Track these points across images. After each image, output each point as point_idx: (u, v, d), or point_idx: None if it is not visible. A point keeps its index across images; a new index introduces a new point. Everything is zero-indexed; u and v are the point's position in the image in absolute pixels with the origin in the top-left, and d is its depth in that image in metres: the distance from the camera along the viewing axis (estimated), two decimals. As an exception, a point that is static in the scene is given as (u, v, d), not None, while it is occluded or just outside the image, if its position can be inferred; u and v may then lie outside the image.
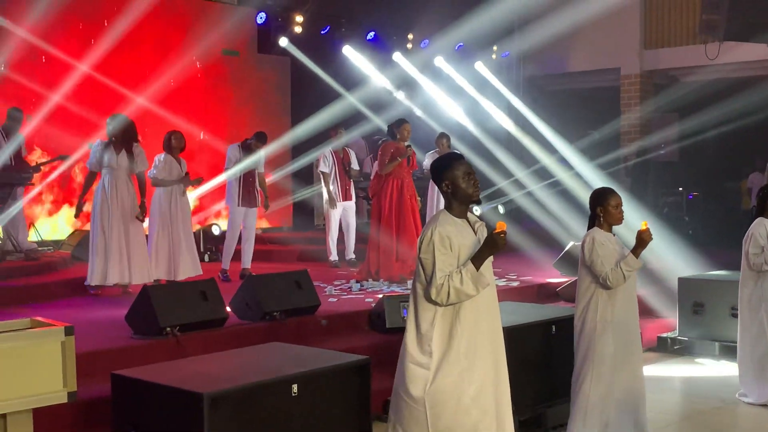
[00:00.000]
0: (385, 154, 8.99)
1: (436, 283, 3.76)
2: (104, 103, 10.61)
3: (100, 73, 10.87)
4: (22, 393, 3.69)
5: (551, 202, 12.77)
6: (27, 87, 10.28)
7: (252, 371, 4.63)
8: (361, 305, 7.66)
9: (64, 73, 10.59)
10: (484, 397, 3.88)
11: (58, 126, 10.45)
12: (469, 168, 3.95)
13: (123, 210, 8.02)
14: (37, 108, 10.33)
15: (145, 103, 11.11)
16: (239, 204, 9.29)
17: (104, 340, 6.10)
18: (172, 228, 8.41)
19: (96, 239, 7.97)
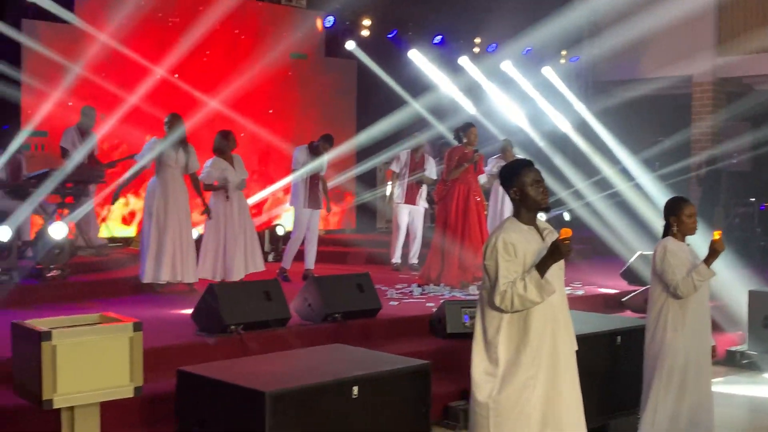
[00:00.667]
0: (451, 160, 8.91)
1: (500, 289, 3.74)
2: (176, 104, 10.81)
3: (173, 75, 11.09)
4: (90, 387, 3.77)
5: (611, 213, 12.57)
6: (102, 87, 10.54)
7: (313, 372, 4.66)
8: (422, 310, 7.65)
9: (139, 74, 10.83)
10: (551, 407, 3.83)
11: (131, 126, 10.69)
12: (538, 175, 3.92)
13: (178, 208, 8.15)
14: (112, 108, 10.59)
15: (216, 106, 11.29)
16: (305, 206, 9.35)
17: (170, 337, 6.22)
18: (226, 229, 8.43)
19: (150, 236, 8.10)
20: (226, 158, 8.54)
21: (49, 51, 10.05)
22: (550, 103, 14.64)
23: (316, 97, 13.12)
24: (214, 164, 8.46)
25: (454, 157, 8.91)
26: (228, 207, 8.42)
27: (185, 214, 8.25)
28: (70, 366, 3.69)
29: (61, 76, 10.21)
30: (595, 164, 14.18)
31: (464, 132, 8.97)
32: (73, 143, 9.70)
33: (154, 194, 8.17)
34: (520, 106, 14.19)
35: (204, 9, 11.00)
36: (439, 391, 5.93)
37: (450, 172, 8.86)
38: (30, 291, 7.69)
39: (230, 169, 8.49)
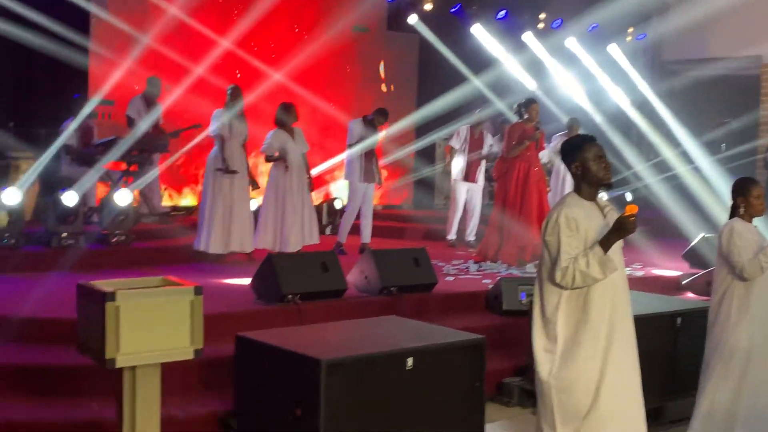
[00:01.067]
0: (511, 137, 8.81)
1: (561, 265, 3.71)
2: (239, 76, 10.93)
3: (237, 47, 11.18)
4: (151, 347, 3.86)
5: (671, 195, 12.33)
6: (168, 58, 10.69)
7: (369, 342, 4.70)
8: (478, 286, 7.64)
9: (204, 46, 10.96)
10: (612, 384, 3.80)
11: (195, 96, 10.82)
12: (600, 150, 3.86)
13: (237, 178, 8.27)
14: (177, 78, 10.73)
15: (279, 78, 11.36)
16: (361, 180, 9.37)
17: (229, 304, 6.32)
18: (285, 201, 8.49)
19: (209, 205, 8.23)
20: (287, 130, 8.60)
21: (117, 20, 10.22)
22: (614, 82, 14.38)
23: (376, 71, 13.11)
24: (275, 136, 8.53)
25: (514, 134, 8.80)
26: (287, 179, 8.49)
27: (244, 184, 8.36)
28: (132, 326, 3.77)
29: (128, 45, 10.38)
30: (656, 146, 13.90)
31: (526, 108, 8.84)
32: (138, 112, 9.87)
33: (214, 165, 8.28)
34: (581, 84, 13.96)
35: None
36: (493, 367, 5.94)
37: (510, 150, 8.76)
38: (95, 255, 7.88)
39: (290, 142, 8.54)
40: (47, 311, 5.73)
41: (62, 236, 7.79)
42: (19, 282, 6.93)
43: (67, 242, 7.80)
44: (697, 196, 11.90)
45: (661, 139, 13.88)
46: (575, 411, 3.77)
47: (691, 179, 12.67)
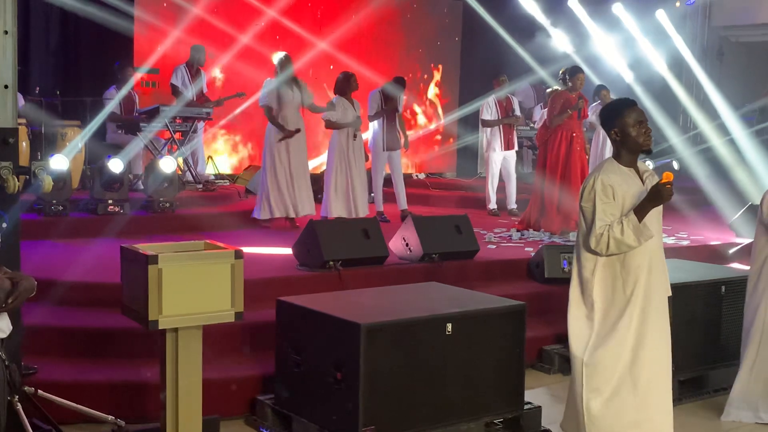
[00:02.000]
0: (554, 105, 8.72)
1: (596, 232, 3.68)
2: (283, 44, 10.93)
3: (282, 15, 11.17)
4: (193, 310, 3.91)
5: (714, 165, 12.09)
6: (213, 26, 10.73)
7: (409, 307, 4.72)
8: (520, 254, 7.60)
9: (248, 14, 10.97)
10: (656, 352, 3.78)
11: (240, 64, 10.86)
12: (641, 115, 3.79)
13: (295, 144, 8.30)
14: (222, 46, 10.78)
15: (324, 47, 11.35)
16: (383, 149, 9.38)
17: (270, 269, 6.38)
18: (349, 168, 8.61)
19: (266, 173, 8.30)
20: (347, 99, 8.68)
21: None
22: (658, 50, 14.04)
23: (420, 39, 13.01)
24: (338, 103, 8.66)
25: (557, 102, 8.70)
26: (354, 146, 8.60)
27: (302, 150, 8.43)
28: (174, 289, 3.82)
29: (172, 13, 10.44)
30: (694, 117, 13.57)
31: (571, 76, 8.72)
32: (182, 81, 9.95)
33: (272, 132, 8.34)
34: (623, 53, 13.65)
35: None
36: (534, 334, 5.93)
37: (553, 119, 8.67)
38: (140, 222, 8.00)
39: (351, 110, 8.64)
40: (93, 276, 5.84)
41: (108, 203, 7.92)
42: (66, 248, 7.07)
43: (112, 209, 7.92)
44: (731, 168, 11.64)
45: (699, 110, 13.56)
46: (602, 381, 3.76)
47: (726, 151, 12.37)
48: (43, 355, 4.90)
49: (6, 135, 3.96)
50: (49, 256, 6.66)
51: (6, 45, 3.99)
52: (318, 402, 4.48)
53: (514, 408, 4.82)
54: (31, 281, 2.88)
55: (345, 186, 8.63)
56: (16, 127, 4.06)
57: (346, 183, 8.63)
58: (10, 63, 4.00)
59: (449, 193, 11.82)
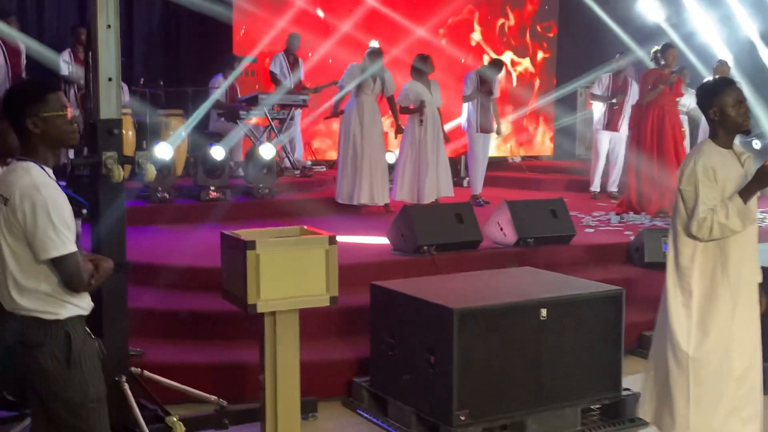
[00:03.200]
0: (646, 82, 8.54)
1: (698, 216, 3.58)
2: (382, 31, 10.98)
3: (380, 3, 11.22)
4: (290, 294, 4.01)
5: None
6: (310, 13, 10.87)
7: (502, 292, 4.71)
8: (619, 238, 7.46)
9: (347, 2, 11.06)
10: (747, 339, 3.69)
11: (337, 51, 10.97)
12: (740, 95, 3.67)
13: (372, 131, 8.39)
14: (320, 34, 10.90)
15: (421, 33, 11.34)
16: (478, 130, 9.31)
17: (365, 254, 6.46)
18: (419, 152, 8.58)
19: (346, 158, 8.41)
20: (423, 82, 8.62)
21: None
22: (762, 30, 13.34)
23: (515, 19, 12.85)
24: (411, 87, 8.59)
25: (649, 79, 8.55)
26: (422, 131, 8.54)
27: (379, 137, 8.49)
28: (272, 274, 3.93)
29: (270, 1, 10.62)
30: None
31: (662, 53, 8.54)
32: (281, 68, 10.13)
33: (350, 118, 8.44)
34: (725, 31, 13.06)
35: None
36: (635, 319, 5.80)
37: (645, 96, 8.49)
38: (240, 208, 8.21)
39: (426, 93, 8.58)
40: (196, 260, 6.03)
41: (210, 189, 8.15)
42: (171, 233, 7.32)
43: (215, 195, 8.15)
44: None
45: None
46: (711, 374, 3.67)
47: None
48: (149, 337, 5.10)
49: (111, 126, 4.12)
50: (154, 241, 6.92)
51: (109, 39, 4.15)
52: (412, 385, 4.53)
53: (611, 394, 4.76)
54: (110, 263, 3.06)
55: (412, 171, 8.58)
56: (120, 119, 4.22)
57: (413, 168, 8.58)
58: (113, 56, 4.16)
59: (547, 175, 11.67)
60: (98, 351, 3.11)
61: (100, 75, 4.17)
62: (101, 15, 4.14)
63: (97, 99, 4.19)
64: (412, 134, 8.62)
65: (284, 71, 10.12)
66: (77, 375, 2.92)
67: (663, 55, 8.52)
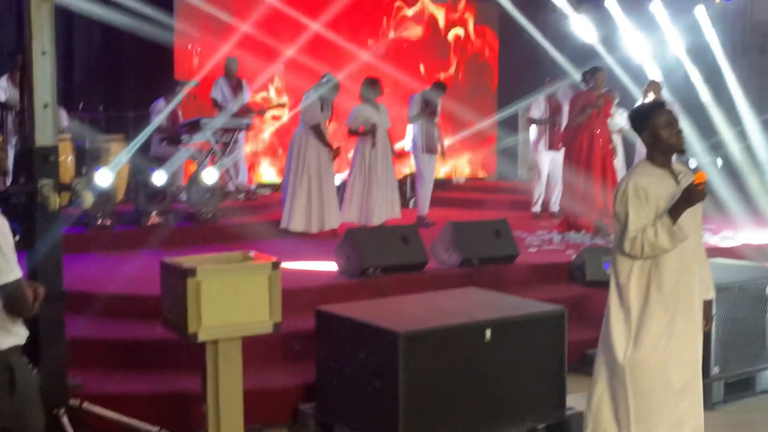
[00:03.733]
0: (575, 105, 8.73)
1: (630, 236, 3.68)
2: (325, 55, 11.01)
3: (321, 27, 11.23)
4: (232, 321, 3.96)
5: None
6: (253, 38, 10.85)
7: (448, 314, 4.71)
8: (561, 257, 7.54)
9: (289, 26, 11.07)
10: (686, 353, 3.75)
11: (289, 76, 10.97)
12: (671, 117, 3.78)
13: (319, 156, 8.36)
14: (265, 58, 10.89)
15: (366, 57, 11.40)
16: (423, 151, 9.38)
17: (311, 279, 6.42)
18: (370, 174, 8.59)
19: (293, 183, 8.38)
20: (371, 105, 8.67)
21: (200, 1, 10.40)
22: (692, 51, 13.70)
23: (456, 42, 12.99)
24: (360, 110, 8.62)
25: (578, 102, 8.72)
26: (373, 153, 8.58)
27: (328, 162, 8.47)
28: (213, 301, 3.88)
29: (212, 25, 10.57)
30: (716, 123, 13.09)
31: (591, 75, 8.72)
32: (222, 93, 10.05)
33: (297, 143, 8.40)
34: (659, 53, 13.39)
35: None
36: (577, 338, 5.85)
37: (573, 118, 8.68)
38: (183, 233, 8.09)
39: (375, 115, 8.62)
40: (135, 288, 5.93)
41: (151, 215, 8.03)
42: (110, 260, 7.18)
43: (156, 221, 8.03)
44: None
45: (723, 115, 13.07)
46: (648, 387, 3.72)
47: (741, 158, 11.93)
48: (88, 367, 4.97)
49: (47, 153, 4.05)
50: (93, 268, 6.77)
51: (45, 65, 4.08)
52: (359, 410, 4.50)
53: (556, 413, 4.78)
54: (43, 288, 3.02)
55: (361, 193, 8.60)
56: (56, 146, 4.14)
57: (362, 190, 8.59)
58: (48, 83, 4.09)
59: (490, 196, 11.77)
60: (37, 382, 3.04)
61: (36, 101, 4.10)
62: (36, 41, 4.08)
63: (32, 126, 4.11)
64: (363, 157, 8.63)
65: (226, 95, 10.05)
66: (18, 407, 2.85)
67: (592, 77, 8.69)
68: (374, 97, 8.72)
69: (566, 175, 8.87)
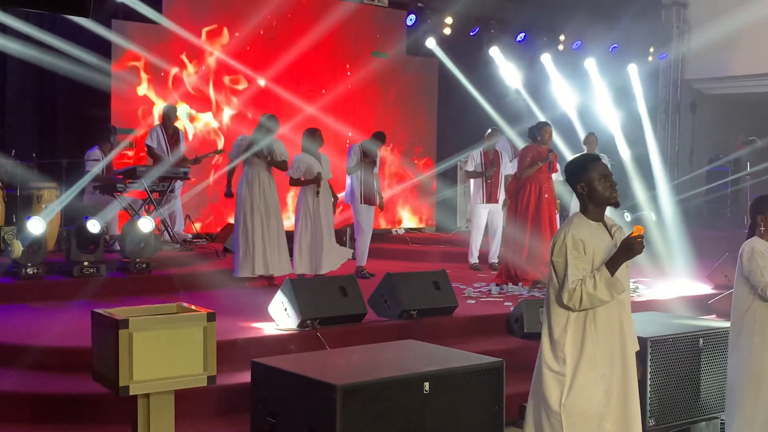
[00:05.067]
0: (524, 158, 8.86)
1: (569, 287, 3.67)
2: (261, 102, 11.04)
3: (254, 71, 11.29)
4: (165, 374, 3.85)
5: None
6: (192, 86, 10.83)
7: (386, 366, 4.65)
8: (499, 309, 7.57)
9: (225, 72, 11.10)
10: (618, 406, 3.76)
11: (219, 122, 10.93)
12: (605, 170, 3.82)
13: (267, 202, 8.30)
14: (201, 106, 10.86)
15: (298, 102, 11.45)
16: (361, 201, 9.42)
17: (247, 330, 6.31)
18: (314, 224, 8.58)
19: (240, 232, 8.27)
20: (313, 155, 8.67)
21: (139, 48, 10.35)
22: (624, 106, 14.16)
23: (396, 96, 13.14)
24: (302, 159, 8.61)
25: (527, 155, 8.85)
26: (316, 203, 8.55)
27: (275, 208, 8.41)
28: (146, 354, 3.77)
29: (149, 73, 10.52)
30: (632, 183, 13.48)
31: (538, 131, 8.90)
32: (158, 141, 9.94)
33: (244, 190, 8.33)
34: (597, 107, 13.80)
35: (284, 6, 11.21)
36: (515, 390, 5.84)
37: (523, 171, 8.80)
38: (117, 283, 7.92)
39: (317, 164, 8.61)
40: (66, 340, 5.75)
41: (84, 265, 7.84)
42: (41, 311, 6.97)
43: (88, 271, 7.84)
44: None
45: (639, 179, 13.46)
46: None
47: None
48: (13, 422, 4.80)
49: (-26, 200, 3.92)
50: (22, 320, 6.57)
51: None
52: (294, 466, 4.39)
53: (494, 467, 4.74)
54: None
55: (309, 242, 8.57)
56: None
57: (311, 240, 8.57)
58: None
59: (428, 247, 11.81)
60: None
61: (-36, 146, 3.98)
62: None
63: (-40, 171, 3.98)
64: (306, 206, 8.60)
65: (161, 144, 9.95)
66: None
67: (539, 132, 8.85)
68: (315, 147, 8.71)
69: (509, 227, 8.94)
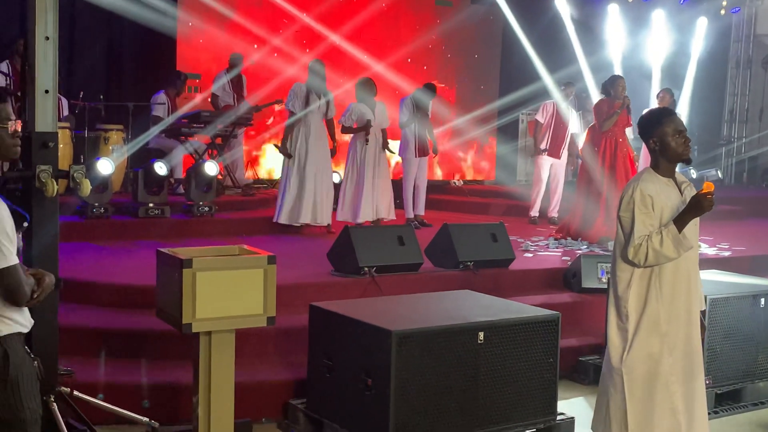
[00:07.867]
0: (601, 111, 8.65)
1: (634, 243, 3.64)
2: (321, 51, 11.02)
3: (318, 21, 11.24)
4: (226, 314, 3.95)
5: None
6: (252, 32, 10.85)
7: (441, 315, 4.71)
8: (557, 263, 7.54)
9: (286, 20, 11.07)
10: (681, 365, 3.74)
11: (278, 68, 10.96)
12: (680, 125, 3.75)
13: (318, 151, 8.34)
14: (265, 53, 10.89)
15: (359, 55, 11.39)
16: (416, 155, 9.39)
17: (305, 275, 6.42)
18: (359, 174, 8.54)
19: (290, 178, 8.34)
20: (367, 103, 8.63)
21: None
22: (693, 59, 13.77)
23: (459, 47, 12.99)
24: (355, 107, 8.60)
25: (603, 108, 8.62)
26: (363, 152, 8.53)
27: (325, 158, 8.45)
28: (208, 293, 3.87)
29: (215, 20, 10.57)
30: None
31: (611, 85, 8.67)
32: (223, 88, 10.05)
33: (295, 138, 8.38)
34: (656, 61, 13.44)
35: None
36: (569, 344, 5.88)
37: (603, 123, 8.55)
38: (180, 225, 8.11)
39: (369, 113, 8.56)
40: (132, 278, 5.92)
41: (149, 206, 8.03)
42: (107, 250, 7.18)
43: (153, 212, 8.03)
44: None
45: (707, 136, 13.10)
46: (644, 396, 3.71)
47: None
48: (80, 355, 4.98)
49: (46, 139, 4.04)
50: (89, 258, 6.77)
51: (47, 51, 4.07)
52: (349, 408, 4.49)
53: (546, 418, 4.78)
54: (52, 277, 2.98)
55: (353, 192, 8.56)
56: (56, 132, 4.13)
57: (354, 188, 8.56)
58: (51, 68, 4.08)
59: (489, 200, 11.76)
60: (37, 372, 3.00)
61: (37, 87, 4.09)
62: (39, 26, 4.06)
63: (33, 111, 4.10)
64: (354, 154, 8.60)
65: (227, 90, 10.05)
66: (12, 396, 2.81)
67: (612, 86, 8.64)
68: (370, 96, 8.66)
69: (580, 183, 8.75)
